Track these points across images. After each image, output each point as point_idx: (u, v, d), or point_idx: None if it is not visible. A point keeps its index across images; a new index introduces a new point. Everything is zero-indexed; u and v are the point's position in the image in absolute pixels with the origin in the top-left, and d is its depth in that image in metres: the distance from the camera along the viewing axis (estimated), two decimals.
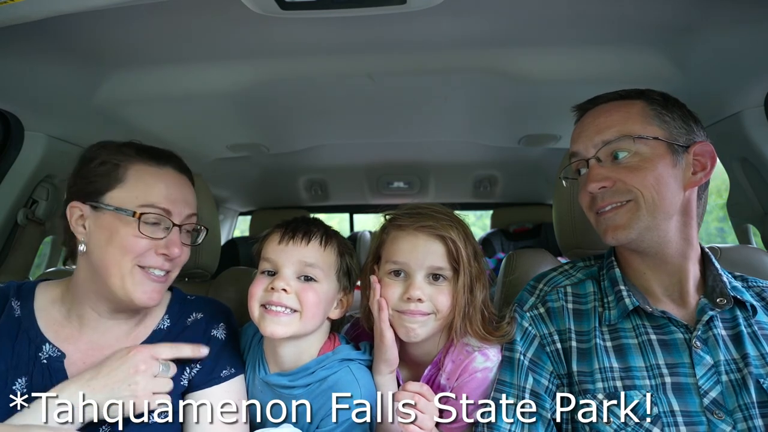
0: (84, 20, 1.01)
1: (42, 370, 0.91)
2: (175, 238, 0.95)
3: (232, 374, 1.01)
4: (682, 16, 1.08)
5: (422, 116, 1.73)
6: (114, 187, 0.93)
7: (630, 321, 0.95)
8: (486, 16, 1.11)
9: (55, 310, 0.97)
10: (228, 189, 2.90)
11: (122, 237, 0.91)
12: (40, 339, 0.93)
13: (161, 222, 0.94)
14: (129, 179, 0.94)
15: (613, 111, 0.96)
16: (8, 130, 1.47)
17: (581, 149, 0.97)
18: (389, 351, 1.00)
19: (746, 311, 0.93)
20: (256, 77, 1.35)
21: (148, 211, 0.92)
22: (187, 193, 1.00)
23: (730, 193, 1.65)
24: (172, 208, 0.94)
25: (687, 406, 0.86)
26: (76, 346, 0.95)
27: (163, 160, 0.98)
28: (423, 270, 0.98)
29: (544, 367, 0.96)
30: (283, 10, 0.92)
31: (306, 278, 1.00)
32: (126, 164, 0.94)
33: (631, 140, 0.91)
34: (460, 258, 0.97)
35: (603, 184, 0.92)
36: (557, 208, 1.27)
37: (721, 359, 0.88)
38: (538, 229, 3.00)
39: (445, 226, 0.98)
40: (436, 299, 0.98)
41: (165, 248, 0.93)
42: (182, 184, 0.99)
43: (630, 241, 0.93)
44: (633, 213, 0.91)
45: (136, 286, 0.92)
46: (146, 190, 0.93)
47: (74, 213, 0.95)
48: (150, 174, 0.95)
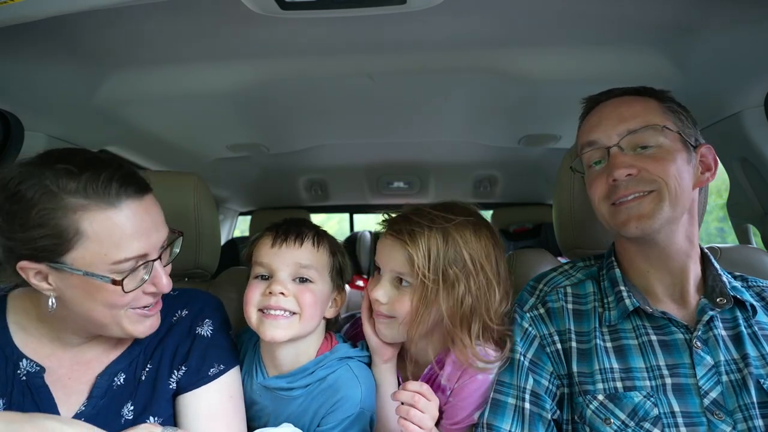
0: (84, 20, 1.01)
1: (22, 388, 0.85)
2: (158, 271, 0.85)
3: (221, 371, 0.97)
4: (682, 16, 1.08)
5: (422, 116, 1.73)
6: (70, 249, 0.75)
7: (630, 321, 0.95)
8: (486, 16, 1.11)
9: (32, 327, 0.89)
10: (228, 189, 2.90)
11: (105, 297, 0.80)
12: (17, 355, 0.86)
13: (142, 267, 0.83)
14: (86, 237, 0.75)
15: (633, 103, 0.95)
16: (8, 130, 1.47)
17: (602, 137, 0.94)
18: (372, 341, 1.04)
19: (746, 311, 0.93)
20: (256, 77, 1.35)
21: (124, 268, 0.79)
22: (153, 213, 0.84)
23: (730, 193, 1.65)
24: (147, 246, 0.81)
25: (687, 406, 0.86)
26: (59, 362, 0.89)
27: (113, 195, 0.77)
28: (388, 272, 0.99)
29: (544, 367, 0.96)
30: (283, 10, 0.92)
31: (302, 280, 1.00)
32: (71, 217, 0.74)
33: (656, 130, 0.91)
34: (417, 267, 0.92)
35: (630, 171, 0.90)
36: (557, 208, 1.27)
37: (722, 359, 0.88)
38: (538, 229, 3.00)
39: (414, 231, 0.94)
40: (394, 303, 0.97)
41: (152, 286, 0.86)
42: (146, 209, 0.82)
43: (651, 233, 0.91)
44: (656, 203, 0.89)
45: (135, 325, 0.87)
46: (114, 244, 0.77)
47: (28, 273, 0.78)
48: (110, 221, 0.76)
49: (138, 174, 0.84)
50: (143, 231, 0.80)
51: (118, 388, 0.91)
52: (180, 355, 0.96)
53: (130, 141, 1.81)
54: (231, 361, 1.01)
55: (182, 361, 0.95)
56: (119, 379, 0.92)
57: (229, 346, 1.02)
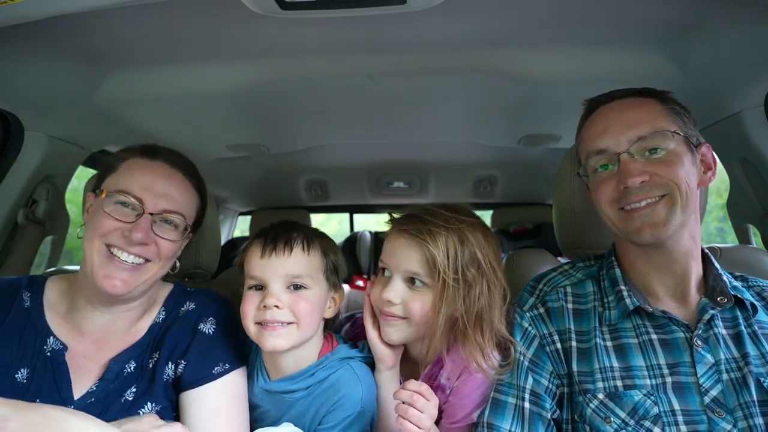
0: (84, 20, 1.01)
1: (44, 363, 0.93)
2: (143, 224, 0.94)
3: (226, 370, 0.99)
4: (682, 16, 1.08)
5: (422, 116, 1.73)
6: (108, 176, 1.00)
7: (630, 321, 0.95)
8: (486, 16, 1.11)
9: (60, 304, 1.00)
10: (228, 189, 2.90)
11: (94, 217, 0.96)
12: (46, 331, 0.96)
13: (134, 208, 0.95)
14: (119, 169, 0.99)
15: (638, 107, 0.95)
16: (8, 130, 1.47)
17: (611, 145, 0.93)
18: (376, 348, 1.01)
19: (746, 311, 0.93)
20: (256, 77, 1.35)
21: (120, 197, 0.95)
22: (171, 187, 1.00)
23: (730, 193, 1.65)
24: (146, 198, 0.96)
25: (688, 405, 0.86)
26: (78, 340, 0.97)
27: (155, 154, 1.01)
28: (400, 273, 0.97)
29: (544, 367, 0.96)
30: (283, 10, 0.92)
31: (296, 287, 0.99)
32: (124, 157, 1.01)
33: (665, 135, 0.91)
34: (436, 266, 0.93)
35: (643, 178, 0.89)
36: (557, 208, 1.27)
37: (722, 358, 0.88)
38: (538, 229, 3.00)
39: (432, 231, 0.94)
40: (408, 304, 0.96)
41: (128, 231, 0.94)
42: (167, 178, 1.00)
43: (665, 239, 0.91)
44: (669, 209, 0.89)
45: (100, 267, 0.93)
46: (128, 177, 0.97)
47: (87, 203, 1.02)
48: (139, 166, 0.99)
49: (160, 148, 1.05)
50: (151, 187, 0.96)
51: (128, 375, 0.96)
52: (179, 350, 0.99)
53: (130, 141, 1.77)
54: (235, 361, 1.02)
55: (181, 355, 0.98)
56: (130, 366, 0.97)
57: (233, 346, 1.04)
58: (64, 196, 1.72)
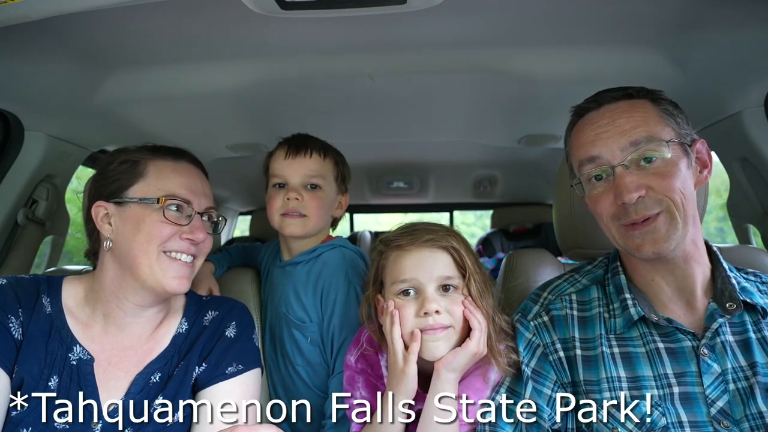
0: (84, 20, 1.01)
1: (70, 372, 0.93)
2: (198, 223, 0.99)
3: (239, 371, 0.99)
4: (682, 16, 1.08)
5: (422, 116, 1.73)
6: (136, 182, 0.98)
7: (637, 329, 0.93)
8: (486, 16, 1.11)
9: (80, 310, 0.99)
10: (228, 189, 2.90)
11: (148, 225, 0.95)
12: (71, 340, 0.95)
13: (183, 210, 0.98)
14: (149, 174, 0.98)
15: (629, 112, 0.91)
16: (8, 130, 1.47)
17: (604, 153, 0.90)
18: (410, 383, 0.94)
19: (756, 314, 0.90)
20: (256, 77, 1.35)
21: (170, 201, 0.96)
22: (204, 185, 1.04)
23: (730, 193, 1.65)
24: (192, 198, 0.99)
25: (695, 416, 0.84)
26: (101, 347, 0.97)
27: (178, 155, 1.03)
28: (433, 282, 0.95)
29: (547, 376, 0.95)
30: (283, 10, 0.92)
31: (312, 186, 1.23)
32: (145, 161, 0.99)
33: (660, 144, 0.87)
34: (465, 264, 0.96)
35: (639, 193, 0.86)
36: (557, 208, 1.27)
37: (729, 367, 0.86)
38: (538, 229, 3.01)
39: (444, 236, 0.98)
40: (451, 309, 0.95)
41: (189, 233, 0.97)
42: (199, 177, 1.04)
43: (668, 253, 0.88)
44: (669, 223, 0.87)
45: (165, 271, 0.95)
46: (167, 182, 0.98)
47: (99, 212, 0.98)
48: (169, 168, 1.00)
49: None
50: (191, 187, 1.00)
51: (154, 385, 0.97)
52: (204, 353, 1.01)
53: (130, 141, 1.78)
54: (251, 362, 1.03)
55: (204, 357, 1.00)
56: (155, 377, 0.98)
57: (250, 348, 1.05)
58: (64, 196, 1.72)
